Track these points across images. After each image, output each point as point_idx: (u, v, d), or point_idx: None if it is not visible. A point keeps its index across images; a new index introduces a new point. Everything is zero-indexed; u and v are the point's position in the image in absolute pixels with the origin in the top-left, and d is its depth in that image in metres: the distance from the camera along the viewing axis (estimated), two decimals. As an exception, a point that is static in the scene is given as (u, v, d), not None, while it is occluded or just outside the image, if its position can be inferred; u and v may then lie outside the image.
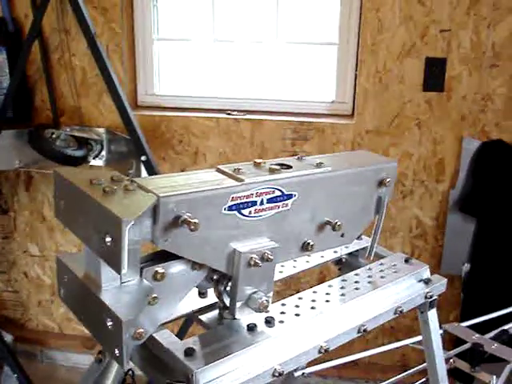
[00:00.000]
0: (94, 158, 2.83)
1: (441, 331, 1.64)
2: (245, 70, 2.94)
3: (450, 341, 2.29)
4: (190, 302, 1.05)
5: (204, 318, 1.02)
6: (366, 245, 1.27)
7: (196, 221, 0.82)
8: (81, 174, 0.86)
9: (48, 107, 2.90)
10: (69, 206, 0.86)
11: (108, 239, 0.75)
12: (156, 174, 2.50)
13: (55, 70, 2.85)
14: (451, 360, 1.73)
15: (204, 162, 2.85)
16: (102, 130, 2.85)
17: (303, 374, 1.60)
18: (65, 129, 2.80)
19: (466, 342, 1.78)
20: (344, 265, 1.33)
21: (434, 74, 2.55)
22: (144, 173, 2.54)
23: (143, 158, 2.49)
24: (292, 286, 2.84)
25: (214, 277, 0.98)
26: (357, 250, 1.31)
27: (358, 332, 1.05)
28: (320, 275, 2.88)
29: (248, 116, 2.79)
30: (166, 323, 1.00)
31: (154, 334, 0.94)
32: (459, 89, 2.57)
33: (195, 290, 1.06)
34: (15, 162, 2.80)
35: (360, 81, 2.65)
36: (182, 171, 2.88)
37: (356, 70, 2.69)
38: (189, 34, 2.94)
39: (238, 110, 2.82)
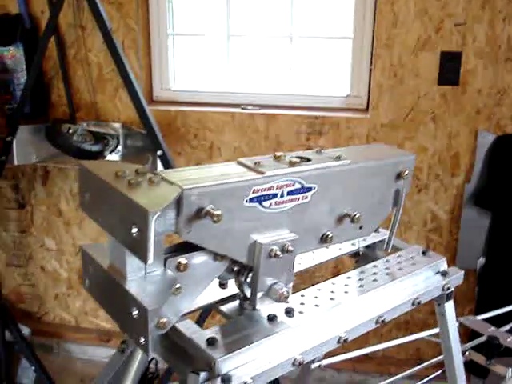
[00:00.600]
0: (110, 153, 2.85)
1: (456, 324, 1.65)
2: (260, 64, 2.95)
3: (466, 334, 2.30)
4: (211, 292, 1.07)
5: (225, 308, 1.04)
6: (384, 237, 1.28)
7: (219, 212, 0.83)
8: (106, 166, 0.88)
9: (64, 103, 2.93)
10: (94, 198, 0.88)
11: (134, 230, 0.77)
12: (172, 167, 2.52)
13: (71, 65, 2.88)
14: (467, 353, 1.74)
15: (219, 156, 2.87)
16: (118, 125, 2.87)
17: (319, 366, 1.62)
18: (81, 124, 2.82)
19: (481, 335, 1.79)
20: (361, 257, 1.34)
21: (449, 68, 2.55)
22: (160, 167, 2.56)
23: (159, 152, 2.50)
24: (307, 280, 2.86)
25: (235, 268, 1.00)
26: (374, 243, 1.33)
27: (376, 323, 1.07)
28: (335, 269, 2.89)
29: (263, 110, 2.80)
30: (187, 313, 1.02)
31: (177, 324, 0.96)
32: (474, 83, 2.57)
33: (216, 281, 1.08)
34: (32, 157, 2.83)
35: (375, 75, 2.65)
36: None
37: (371, 65, 2.69)
38: (204, 28, 2.95)
39: (252, 105, 2.84)
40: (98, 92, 2.91)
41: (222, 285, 1.08)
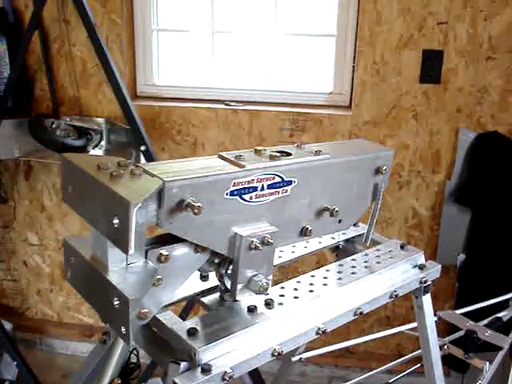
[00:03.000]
0: (93, 148, 2.84)
1: (435, 318, 1.68)
2: (243, 61, 2.96)
3: (445, 329, 2.33)
4: (193, 284, 1.09)
5: (206, 300, 1.06)
6: (363, 232, 1.31)
7: (199, 205, 0.85)
8: (88, 159, 0.89)
9: (48, 97, 2.92)
10: (77, 191, 0.89)
11: (116, 221, 0.78)
12: (155, 163, 2.52)
13: (55, 60, 2.87)
14: (445, 346, 1.77)
15: (203, 152, 2.88)
16: (101, 120, 2.87)
17: (300, 358, 1.64)
18: (65, 119, 2.82)
19: (460, 330, 1.82)
20: (341, 251, 1.36)
21: (431, 66, 2.58)
22: (143, 162, 2.56)
23: (142, 148, 2.51)
24: (290, 274, 2.88)
25: (216, 260, 1.01)
26: (353, 237, 1.35)
27: (355, 314, 1.09)
28: (317, 264, 2.92)
29: (246, 107, 2.81)
30: (169, 305, 1.04)
31: (158, 315, 0.97)
32: (456, 81, 2.60)
33: (197, 274, 1.09)
34: (15, 152, 2.82)
35: (358, 72, 2.67)
36: (181, 161, 2.90)
37: (354, 62, 2.71)
38: (188, 24, 2.96)
39: (236, 101, 2.85)
40: (81, 87, 2.90)
41: (203, 277, 1.10)
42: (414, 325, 1.82)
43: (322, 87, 2.86)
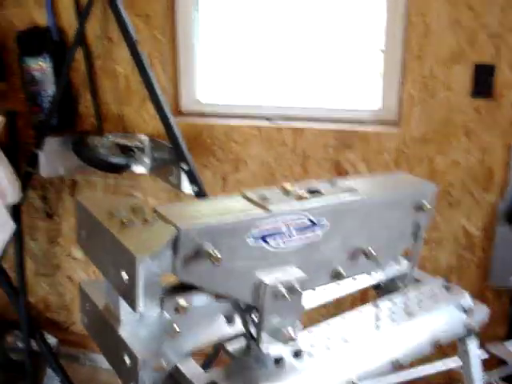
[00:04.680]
0: (136, 166, 2.83)
1: (485, 355, 1.58)
2: (288, 76, 2.89)
3: (494, 359, 2.20)
4: (217, 328, 1.02)
5: (231, 347, 0.99)
6: (404, 270, 1.22)
7: (218, 255, 0.79)
8: (102, 202, 0.84)
9: (92, 114, 2.92)
10: (89, 236, 0.85)
11: (124, 275, 0.73)
12: (197, 181, 2.49)
13: (99, 77, 2.87)
14: (494, 382, 1.66)
15: (246, 170, 2.83)
16: (144, 137, 2.85)
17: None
18: (108, 136, 2.81)
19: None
20: (382, 290, 1.28)
21: (483, 81, 2.46)
22: (185, 180, 2.53)
23: (184, 166, 2.48)
24: (332, 309, 2.79)
25: (241, 305, 0.95)
26: (396, 275, 1.26)
27: (393, 366, 1.00)
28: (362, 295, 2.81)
29: (290, 123, 2.74)
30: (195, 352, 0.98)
31: (179, 364, 0.91)
32: (509, 95, 2.47)
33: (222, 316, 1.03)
34: (59, 169, 2.82)
35: (406, 88, 2.57)
36: (224, 179, 2.86)
37: (402, 77, 2.61)
38: (231, 40, 2.91)
39: (280, 118, 2.79)
40: (124, 104, 2.89)
41: (229, 320, 1.04)
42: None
43: (367, 103, 2.77)
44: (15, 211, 2.74)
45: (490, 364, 2.04)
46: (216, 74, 2.98)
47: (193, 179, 2.50)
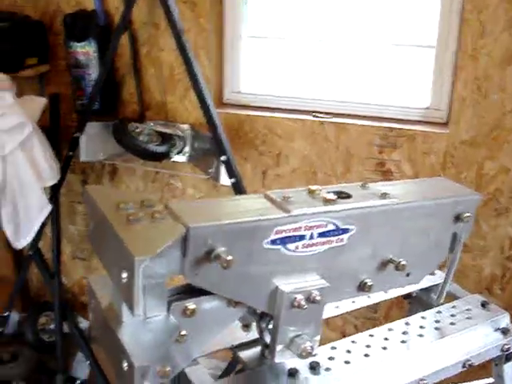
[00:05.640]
0: (176, 154, 2.79)
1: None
2: (334, 70, 2.81)
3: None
4: (232, 334, 0.96)
5: (244, 355, 0.93)
6: (438, 280, 1.14)
7: (230, 258, 0.73)
8: (111, 195, 0.79)
9: (135, 101, 2.90)
10: (97, 229, 0.79)
11: (124, 275, 0.68)
12: (235, 174, 2.44)
13: (143, 64, 2.84)
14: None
15: (287, 164, 2.76)
16: (186, 127, 2.80)
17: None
18: (149, 123, 2.78)
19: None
20: (414, 299, 1.20)
21: (540, 84, 2.33)
22: (224, 172, 2.48)
23: (223, 157, 2.43)
24: (360, 315, 2.70)
25: (258, 311, 0.89)
26: (429, 287, 1.18)
27: (418, 386, 0.93)
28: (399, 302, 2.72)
29: (334, 119, 2.66)
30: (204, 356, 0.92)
31: (188, 369, 0.86)
32: None
33: (238, 322, 0.97)
34: (100, 154, 2.81)
35: (457, 87, 2.45)
36: (264, 173, 2.80)
37: (453, 76, 2.50)
38: (278, 32, 2.84)
39: (323, 112, 2.70)
40: (168, 92, 2.86)
41: (246, 326, 0.98)
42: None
43: (416, 102, 2.66)
44: (54, 194, 2.74)
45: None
46: (261, 66, 2.92)
47: (231, 171, 2.45)
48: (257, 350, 0.94)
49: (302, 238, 0.81)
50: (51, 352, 3.06)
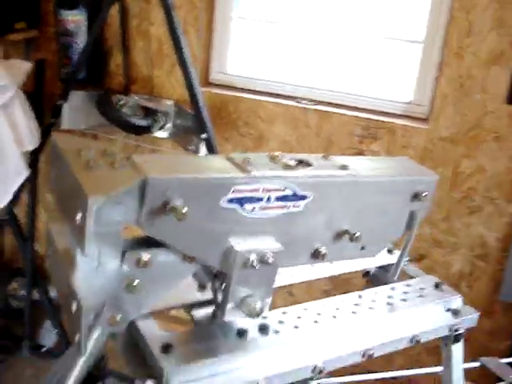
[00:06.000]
0: (158, 130, 2.79)
1: (477, 364, 1.51)
2: (321, 59, 2.82)
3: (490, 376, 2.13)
4: (187, 293, 0.98)
5: (196, 313, 0.95)
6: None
7: (185, 211, 0.74)
8: (75, 143, 0.80)
9: (121, 73, 2.89)
10: (57, 175, 0.81)
11: (78, 217, 0.69)
12: (215, 153, 2.45)
13: (132, 36, 2.84)
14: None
15: (267, 147, 2.77)
16: (170, 103, 2.81)
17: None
18: (134, 97, 2.78)
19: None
20: (372, 278, 1.22)
21: (521, 87, 2.36)
22: (204, 150, 2.49)
23: (204, 135, 2.44)
24: (339, 287, 2.73)
25: (214, 271, 0.91)
26: (388, 265, 1.20)
27: (363, 356, 0.95)
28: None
29: (317, 107, 2.68)
30: (157, 312, 0.94)
31: (140, 323, 0.88)
32: (547, 106, 2.37)
33: (194, 282, 0.99)
34: (82, 124, 2.80)
35: (440, 84, 2.48)
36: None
37: (438, 73, 2.52)
38: (269, 15, 2.85)
39: (307, 99, 2.72)
40: (155, 67, 2.86)
41: (202, 287, 1.00)
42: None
43: (400, 95, 2.69)
44: (33, 160, 2.73)
45: (485, 380, 1.97)
46: (249, 49, 2.92)
47: (211, 150, 2.46)
48: (210, 310, 0.96)
49: (259, 199, 0.83)
50: (19, 318, 3.06)
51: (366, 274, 1.22)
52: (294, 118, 2.70)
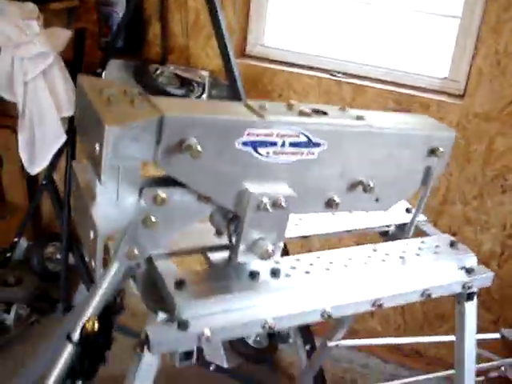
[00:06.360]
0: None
1: (498, 335, 1.52)
2: (356, 32, 2.81)
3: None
4: (205, 238, 1.02)
5: (212, 255, 0.98)
6: (420, 220, 1.18)
7: (199, 148, 0.77)
8: (99, 83, 0.84)
9: (158, 43, 2.93)
10: (81, 114, 0.85)
11: (97, 147, 0.73)
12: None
13: (170, 6, 2.87)
14: (503, 368, 1.60)
15: (300, 120, 2.78)
16: (205, 73, 2.84)
17: (337, 345, 1.53)
18: (170, 67, 2.82)
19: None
20: (390, 238, 1.24)
21: (559, 64, 2.31)
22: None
23: (237, 106, 2.46)
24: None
25: (230, 215, 0.94)
26: (405, 224, 1.22)
27: (373, 305, 0.97)
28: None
29: (351, 80, 2.68)
30: (176, 255, 0.98)
31: (159, 262, 0.92)
32: None
33: (213, 229, 1.02)
34: (119, 92, 2.85)
35: (476, 60, 2.45)
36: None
37: (474, 49, 2.49)
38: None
39: (342, 72, 2.72)
40: (191, 37, 2.89)
41: (219, 233, 1.03)
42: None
43: (435, 71, 2.66)
44: (71, 125, 2.80)
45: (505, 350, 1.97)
46: (286, 21, 2.93)
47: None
48: (225, 254, 0.99)
49: (273, 144, 0.85)
50: (55, 281, 3.16)
51: (385, 233, 1.23)
52: (327, 91, 2.70)
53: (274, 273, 0.93)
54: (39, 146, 2.66)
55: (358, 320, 2.82)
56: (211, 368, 2.69)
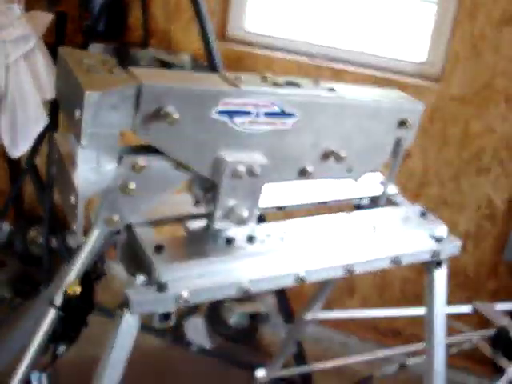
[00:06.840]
0: (174, 83, 2.84)
1: (470, 307, 1.57)
2: (334, 17, 2.84)
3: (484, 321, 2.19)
4: (183, 207, 1.05)
5: (190, 224, 1.02)
6: (392, 193, 1.22)
7: (176, 116, 0.81)
8: (80, 54, 0.87)
9: (140, 26, 2.94)
10: (62, 84, 0.87)
11: (77, 113, 0.76)
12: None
13: (151, -11, 2.88)
14: (474, 339, 1.65)
15: (280, 104, 2.81)
16: (187, 57, 2.85)
17: (313, 319, 1.58)
18: (151, 50, 2.83)
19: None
20: (363, 209, 1.28)
21: (533, 48, 2.37)
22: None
23: (218, 89, 2.48)
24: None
25: (207, 185, 0.97)
26: (378, 197, 1.26)
27: (345, 271, 1.02)
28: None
29: (330, 64, 2.71)
30: (157, 224, 1.01)
31: (138, 229, 0.95)
32: (558, 67, 2.38)
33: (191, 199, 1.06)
34: (99, 76, 2.87)
35: (453, 44, 2.50)
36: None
37: (451, 33, 2.54)
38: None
39: (321, 56, 2.75)
40: (172, 20, 2.90)
41: (197, 202, 1.06)
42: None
43: (413, 56, 2.71)
44: (53, 108, 2.81)
45: (478, 324, 2.03)
46: (266, 5, 2.95)
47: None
48: (203, 222, 1.02)
49: (248, 114, 0.89)
50: (38, 265, 3.17)
51: (359, 206, 1.27)
52: (307, 74, 2.73)
53: (250, 239, 0.97)
54: (21, 129, 2.67)
55: (337, 301, 2.87)
56: (193, 349, 2.74)
